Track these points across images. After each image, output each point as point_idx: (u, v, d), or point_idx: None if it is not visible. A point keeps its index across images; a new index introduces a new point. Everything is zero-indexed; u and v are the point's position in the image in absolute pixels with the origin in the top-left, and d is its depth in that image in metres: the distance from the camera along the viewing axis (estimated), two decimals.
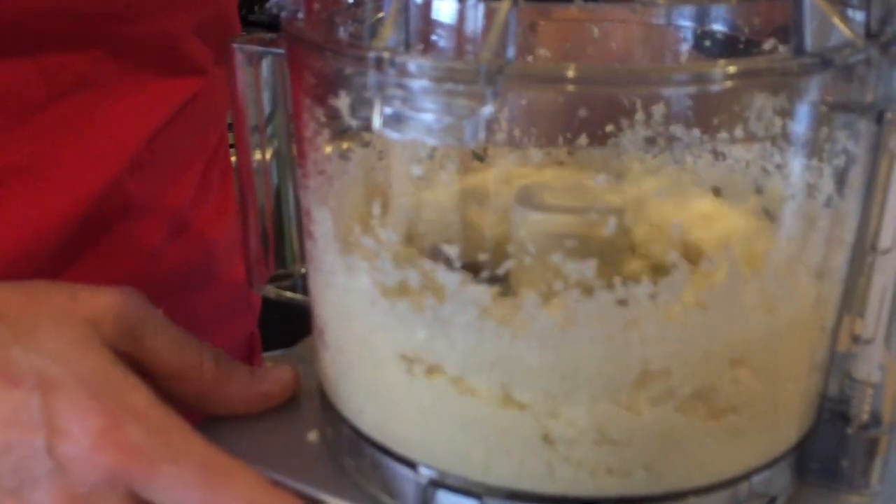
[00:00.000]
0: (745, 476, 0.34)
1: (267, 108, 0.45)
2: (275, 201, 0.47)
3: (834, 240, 0.35)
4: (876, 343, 0.35)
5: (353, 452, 0.38)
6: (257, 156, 0.46)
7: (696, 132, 0.41)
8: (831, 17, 0.27)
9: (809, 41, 0.28)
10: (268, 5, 0.37)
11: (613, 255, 0.37)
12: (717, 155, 0.43)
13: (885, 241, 0.34)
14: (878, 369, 0.36)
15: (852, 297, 0.35)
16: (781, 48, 0.33)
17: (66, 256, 0.46)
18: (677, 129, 0.39)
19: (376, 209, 0.34)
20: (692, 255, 0.33)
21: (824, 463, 0.37)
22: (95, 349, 0.36)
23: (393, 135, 0.29)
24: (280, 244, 0.48)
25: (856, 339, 0.36)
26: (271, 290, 0.48)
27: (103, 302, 0.38)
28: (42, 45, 0.44)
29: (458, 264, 0.32)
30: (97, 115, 0.46)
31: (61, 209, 0.46)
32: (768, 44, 0.32)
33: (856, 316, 0.35)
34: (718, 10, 0.37)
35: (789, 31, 0.29)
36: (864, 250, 0.35)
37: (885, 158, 0.33)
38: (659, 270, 0.32)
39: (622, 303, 0.30)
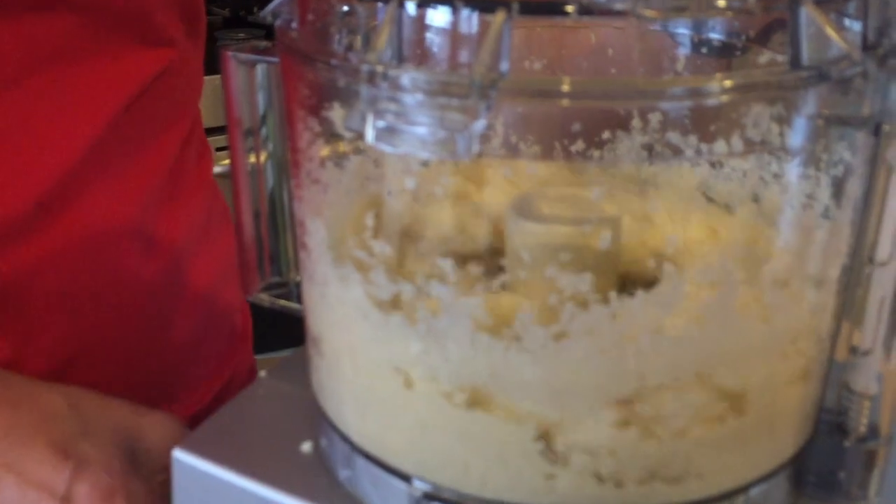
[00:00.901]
0: (743, 489, 0.34)
1: (261, 114, 0.44)
2: (269, 208, 0.47)
3: (831, 251, 0.34)
4: (874, 354, 0.35)
5: (347, 464, 0.37)
6: (251, 160, 0.45)
7: (692, 144, 0.41)
8: (827, 30, 0.27)
9: (806, 54, 0.28)
10: (262, 13, 0.37)
11: (609, 268, 0.36)
12: (714, 166, 0.43)
13: (882, 253, 0.34)
14: (875, 381, 0.36)
15: (850, 309, 0.35)
16: (779, 57, 0.33)
17: (47, 217, 0.49)
18: (673, 141, 0.39)
19: (370, 220, 0.34)
20: (688, 266, 0.33)
21: (822, 475, 0.37)
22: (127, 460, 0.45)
23: (386, 148, 0.29)
24: (275, 251, 0.48)
25: (853, 350, 0.35)
26: (265, 299, 0.48)
27: (154, 425, 0.47)
28: (19, 13, 0.46)
29: (452, 277, 0.31)
30: (73, 84, 0.49)
31: (43, 171, 0.49)
32: (764, 57, 0.32)
33: (853, 327, 0.35)
34: (713, 20, 0.37)
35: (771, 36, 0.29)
36: (861, 262, 0.34)
37: (882, 170, 0.32)
38: (654, 283, 0.32)
39: (617, 317, 0.30)
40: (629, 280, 0.34)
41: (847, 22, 0.31)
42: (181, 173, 0.57)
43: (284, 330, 0.71)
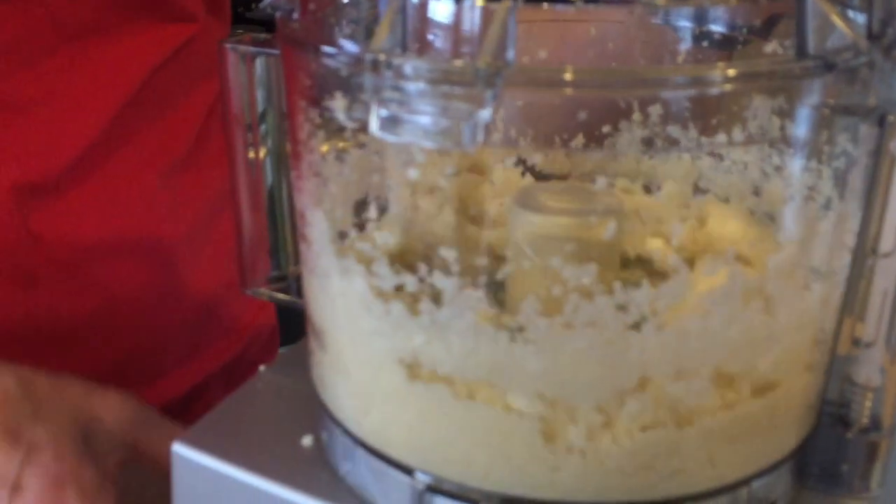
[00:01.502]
0: (745, 481, 0.34)
1: (261, 107, 0.44)
2: (268, 201, 0.47)
3: (834, 243, 0.34)
4: (876, 347, 0.35)
5: (348, 458, 0.37)
6: (251, 155, 0.45)
7: (695, 134, 0.40)
8: (833, 18, 0.27)
9: (812, 44, 0.28)
10: (262, 5, 0.36)
11: (612, 259, 0.36)
12: (717, 157, 0.43)
13: (885, 245, 0.34)
14: (878, 373, 0.36)
15: (853, 301, 0.35)
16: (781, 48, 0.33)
17: (76, 180, 0.53)
18: (676, 132, 0.39)
19: (372, 212, 0.34)
20: (692, 258, 0.32)
21: (824, 467, 0.37)
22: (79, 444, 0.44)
23: (389, 137, 0.29)
24: (274, 245, 0.48)
25: (856, 342, 0.35)
26: (265, 293, 0.47)
27: (109, 405, 0.46)
28: None
29: (455, 268, 0.31)
30: (101, 57, 0.53)
31: (72, 136, 0.53)
32: (770, 46, 0.32)
33: (856, 319, 0.35)
34: (716, 10, 0.37)
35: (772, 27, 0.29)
36: (864, 254, 0.34)
37: (885, 162, 0.32)
38: (658, 274, 0.32)
39: (622, 308, 0.30)
40: (634, 271, 0.34)
41: (851, 14, 0.31)
42: (206, 142, 0.60)
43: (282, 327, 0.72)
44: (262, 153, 0.45)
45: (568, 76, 0.28)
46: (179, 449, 0.40)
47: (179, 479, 0.40)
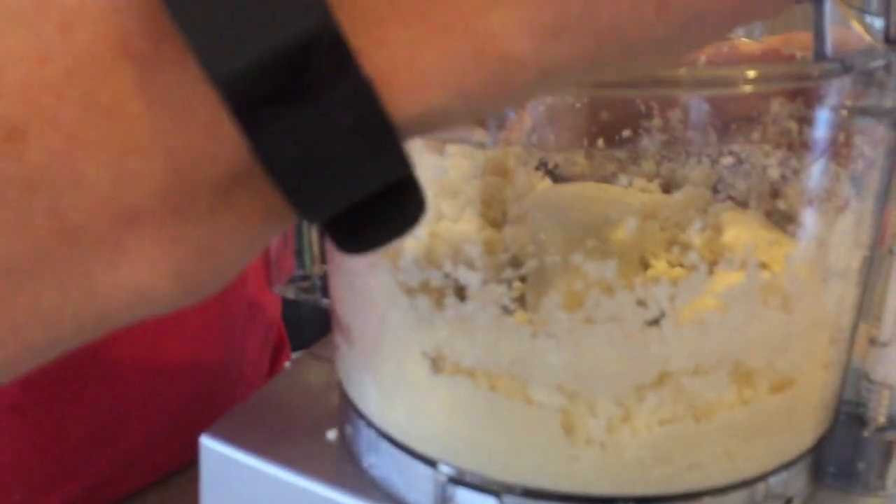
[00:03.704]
0: (762, 477, 0.35)
1: None
2: None
3: (851, 243, 0.35)
4: (893, 345, 0.36)
5: (372, 450, 0.38)
6: None
7: (714, 138, 0.41)
8: (851, 22, 0.28)
9: (829, 47, 0.28)
10: None
11: (633, 257, 0.37)
12: (737, 159, 0.43)
13: None
14: (894, 372, 0.36)
15: (870, 300, 0.36)
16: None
17: None
18: (696, 134, 0.40)
19: None
20: (711, 256, 0.33)
21: (841, 465, 0.37)
22: None
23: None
24: (299, 246, 0.49)
25: (873, 341, 0.36)
26: (290, 290, 0.48)
27: None
28: None
29: (479, 264, 0.32)
30: None
31: None
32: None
33: (873, 319, 0.36)
34: None
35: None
36: (881, 254, 0.35)
37: (882, 164, 0.33)
38: (678, 272, 0.33)
39: (641, 303, 0.31)
40: (653, 269, 0.35)
41: (868, 18, 0.32)
42: None
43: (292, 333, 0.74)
44: None
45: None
46: (207, 441, 0.41)
47: (206, 470, 0.41)
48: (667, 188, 0.45)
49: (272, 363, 0.67)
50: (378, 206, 0.21)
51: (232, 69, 0.18)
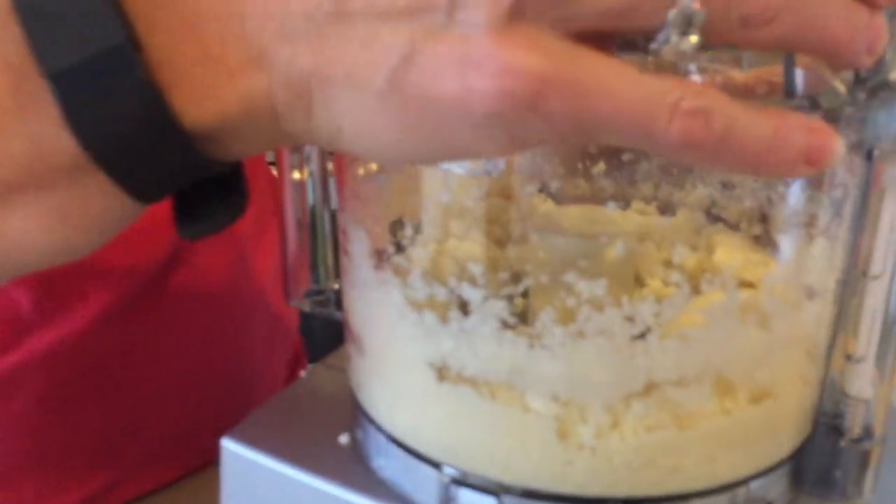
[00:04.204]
0: (743, 482, 0.37)
1: None
2: (310, 220, 0.51)
3: (827, 265, 0.38)
4: (867, 362, 0.38)
5: (381, 454, 0.41)
6: (296, 175, 0.49)
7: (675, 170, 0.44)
8: (819, 68, 0.30)
9: (800, 86, 0.31)
10: None
11: (627, 275, 0.40)
12: (729, 186, 0.46)
13: (875, 268, 0.37)
14: (869, 386, 0.39)
15: (846, 319, 0.38)
16: None
17: None
18: (684, 163, 0.42)
19: (408, 230, 0.38)
20: (694, 276, 0.36)
21: (820, 473, 0.40)
22: None
23: (422, 164, 0.33)
24: (314, 261, 0.52)
25: (849, 357, 0.38)
26: (306, 304, 0.51)
27: None
28: None
29: (481, 281, 0.35)
30: None
31: None
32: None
33: (849, 336, 0.38)
34: None
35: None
36: (856, 275, 0.38)
37: (875, 192, 0.36)
38: (663, 291, 0.35)
39: (629, 319, 0.33)
40: (641, 288, 0.38)
41: None
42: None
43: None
44: (305, 175, 0.49)
45: None
46: (228, 443, 0.44)
47: (227, 471, 0.44)
48: (664, 211, 0.48)
49: (289, 373, 0.70)
50: (206, 200, 0.30)
51: (56, 70, 0.26)
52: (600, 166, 0.47)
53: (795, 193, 0.40)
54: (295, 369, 0.71)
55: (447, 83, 0.25)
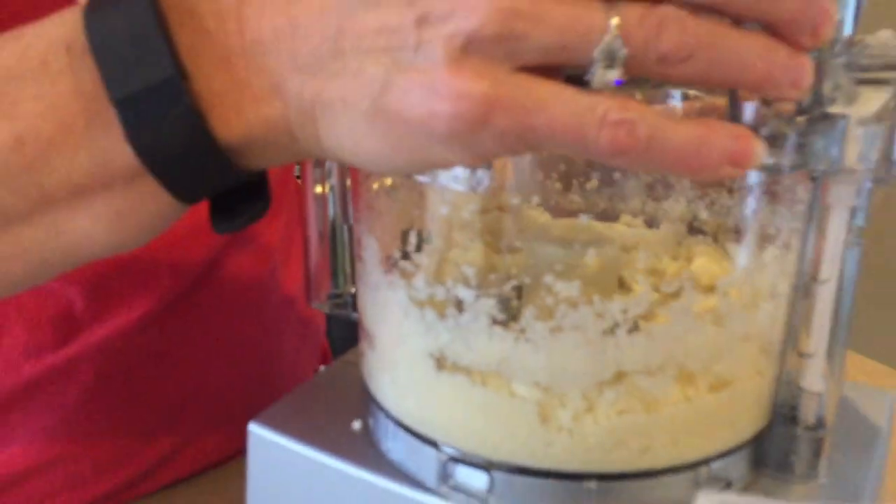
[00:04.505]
0: (705, 462, 0.42)
1: None
2: (331, 230, 0.56)
3: (783, 271, 0.43)
4: (818, 357, 0.43)
5: (389, 437, 0.46)
6: (318, 189, 0.55)
7: (688, 182, 0.49)
8: (759, 104, 0.36)
9: (746, 114, 0.36)
10: None
11: (610, 280, 0.45)
12: (709, 202, 0.51)
13: (824, 274, 0.42)
14: (821, 380, 0.43)
15: (799, 319, 0.43)
16: None
17: None
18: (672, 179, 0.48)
19: (413, 238, 0.43)
20: (657, 279, 0.41)
21: (777, 457, 0.45)
22: None
23: (426, 180, 0.38)
24: (334, 268, 0.57)
25: (801, 354, 0.43)
26: (327, 306, 0.57)
27: None
28: None
29: (473, 283, 0.40)
30: None
31: None
32: None
33: (802, 334, 0.43)
34: None
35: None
36: (807, 281, 0.42)
37: (821, 208, 0.41)
38: (630, 293, 0.41)
39: (600, 316, 0.39)
40: (614, 289, 0.43)
41: None
42: (275, 217, 0.66)
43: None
44: (327, 187, 0.55)
45: None
46: (255, 428, 0.50)
47: (253, 453, 0.50)
48: (650, 224, 0.53)
49: (316, 370, 0.75)
50: (234, 202, 0.37)
51: (121, 96, 0.33)
52: (593, 183, 0.53)
53: (756, 208, 0.45)
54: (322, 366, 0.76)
55: (416, 107, 0.31)
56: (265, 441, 0.49)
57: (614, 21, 0.29)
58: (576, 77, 0.31)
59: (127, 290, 0.57)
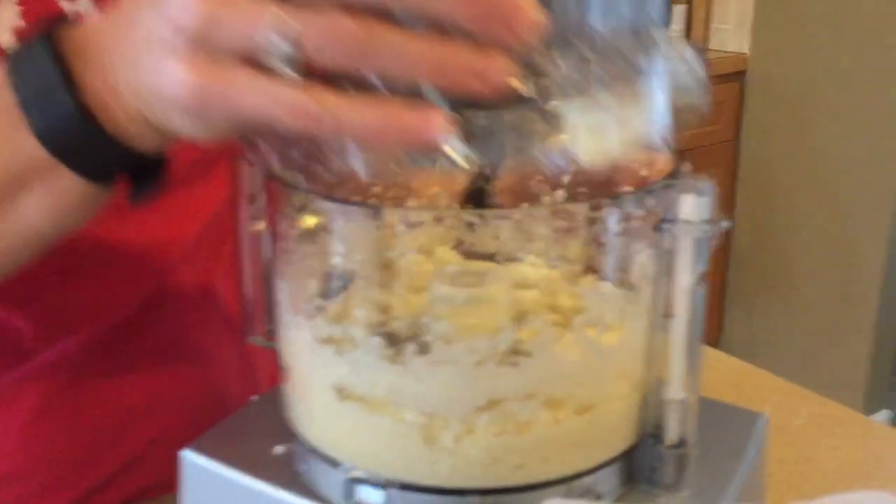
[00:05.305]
0: (576, 477, 0.48)
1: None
2: (265, 269, 0.62)
3: (639, 308, 0.48)
4: (676, 384, 0.49)
5: (303, 460, 0.52)
6: (251, 227, 0.60)
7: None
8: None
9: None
10: None
11: (507, 316, 0.50)
12: (602, 245, 0.57)
13: (675, 309, 0.48)
14: (680, 403, 0.49)
15: (656, 351, 0.49)
16: None
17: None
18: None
19: (314, 285, 0.49)
20: (526, 316, 0.47)
21: (647, 471, 0.50)
22: None
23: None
24: (268, 304, 0.62)
25: (661, 382, 0.49)
26: (260, 340, 0.63)
27: None
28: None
29: (364, 322, 0.46)
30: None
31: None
32: None
33: (660, 364, 0.49)
34: None
35: None
36: (663, 318, 0.48)
37: (663, 254, 0.47)
38: (492, 329, 0.46)
39: (472, 350, 0.44)
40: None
41: None
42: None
43: None
44: (261, 227, 0.60)
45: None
46: (187, 455, 0.55)
47: (185, 479, 0.55)
48: (553, 264, 0.59)
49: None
50: (138, 180, 0.46)
51: (23, 99, 0.43)
52: (506, 228, 0.58)
53: (614, 251, 0.51)
54: None
55: (162, 88, 0.39)
56: (196, 467, 0.55)
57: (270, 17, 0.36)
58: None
59: (71, 322, 0.63)
